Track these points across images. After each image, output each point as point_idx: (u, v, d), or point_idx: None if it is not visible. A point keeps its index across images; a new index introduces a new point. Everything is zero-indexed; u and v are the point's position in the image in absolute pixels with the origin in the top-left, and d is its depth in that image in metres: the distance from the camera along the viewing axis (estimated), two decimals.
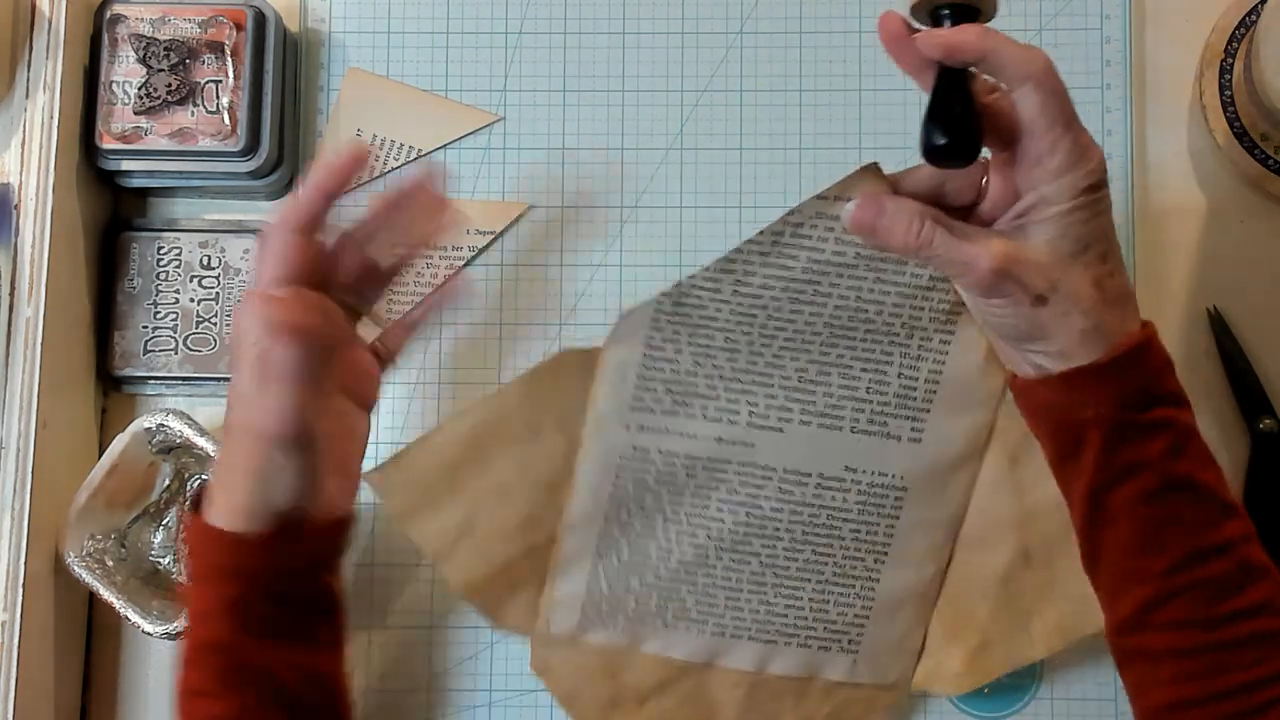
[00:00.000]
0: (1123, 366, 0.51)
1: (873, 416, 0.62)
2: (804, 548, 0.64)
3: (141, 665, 0.72)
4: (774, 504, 0.63)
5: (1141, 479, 0.51)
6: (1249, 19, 0.71)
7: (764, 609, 0.64)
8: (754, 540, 0.64)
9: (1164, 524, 0.51)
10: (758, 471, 0.63)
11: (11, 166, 0.68)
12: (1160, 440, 0.51)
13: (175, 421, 0.68)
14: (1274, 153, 0.70)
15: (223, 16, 0.71)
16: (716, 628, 0.65)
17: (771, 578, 0.64)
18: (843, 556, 0.64)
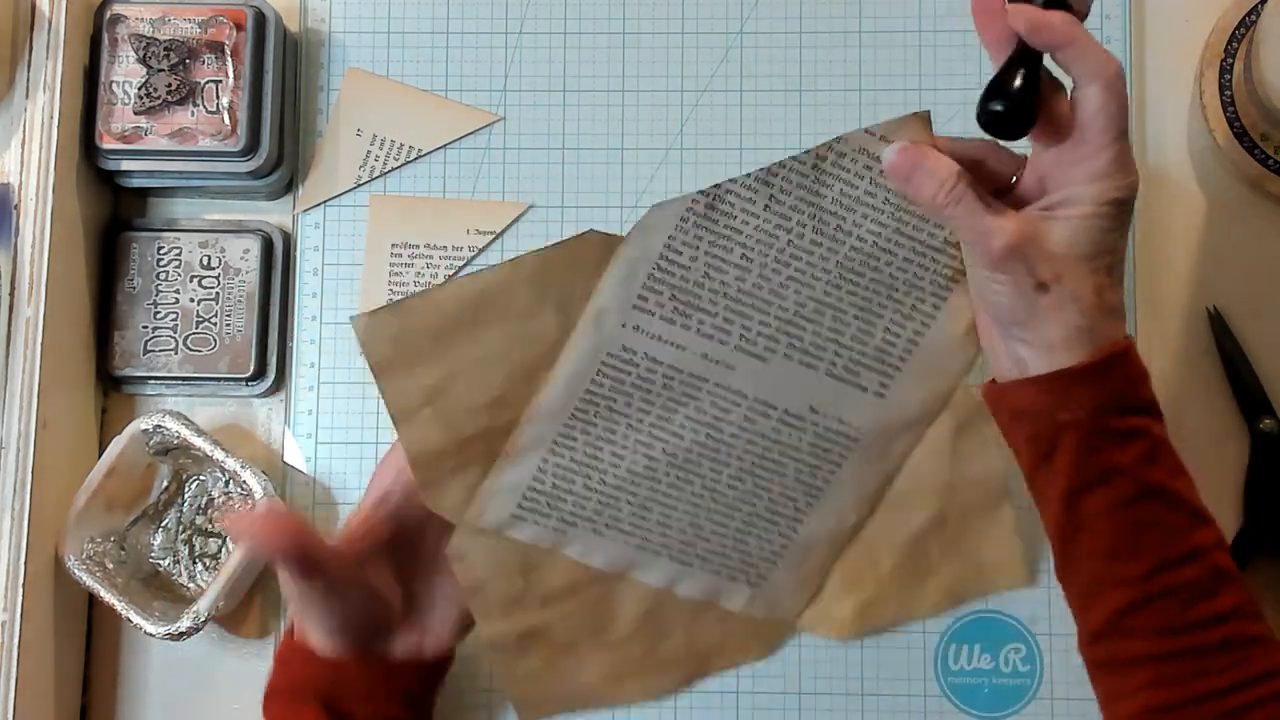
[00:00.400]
0: (1104, 371, 0.52)
1: (849, 364, 0.62)
2: (746, 478, 0.64)
3: (141, 665, 0.72)
4: (734, 430, 0.63)
5: (1116, 485, 0.52)
6: (1249, 19, 0.71)
7: (691, 530, 0.65)
8: (704, 462, 0.64)
9: (1138, 529, 0.52)
10: (729, 395, 0.63)
11: (11, 166, 0.68)
12: (1135, 447, 0.52)
13: (173, 423, 0.68)
14: (1274, 153, 0.70)
15: (223, 16, 0.71)
16: (641, 540, 0.65)
17: (709, 502, 0.64)
18: (780, 493, 0.64)
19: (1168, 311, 0.72)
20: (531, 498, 0.63)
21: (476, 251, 0.73)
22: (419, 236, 0.74)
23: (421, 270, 0.73)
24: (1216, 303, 0.71)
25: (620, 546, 0.65)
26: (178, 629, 0.66)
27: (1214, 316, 0.71)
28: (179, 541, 0.72)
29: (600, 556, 0.65)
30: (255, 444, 0.73)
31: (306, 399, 0.73)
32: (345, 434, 0.73)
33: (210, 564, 0.72)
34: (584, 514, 0.64)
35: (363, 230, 0.74)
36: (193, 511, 0.72)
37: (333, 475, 0.73)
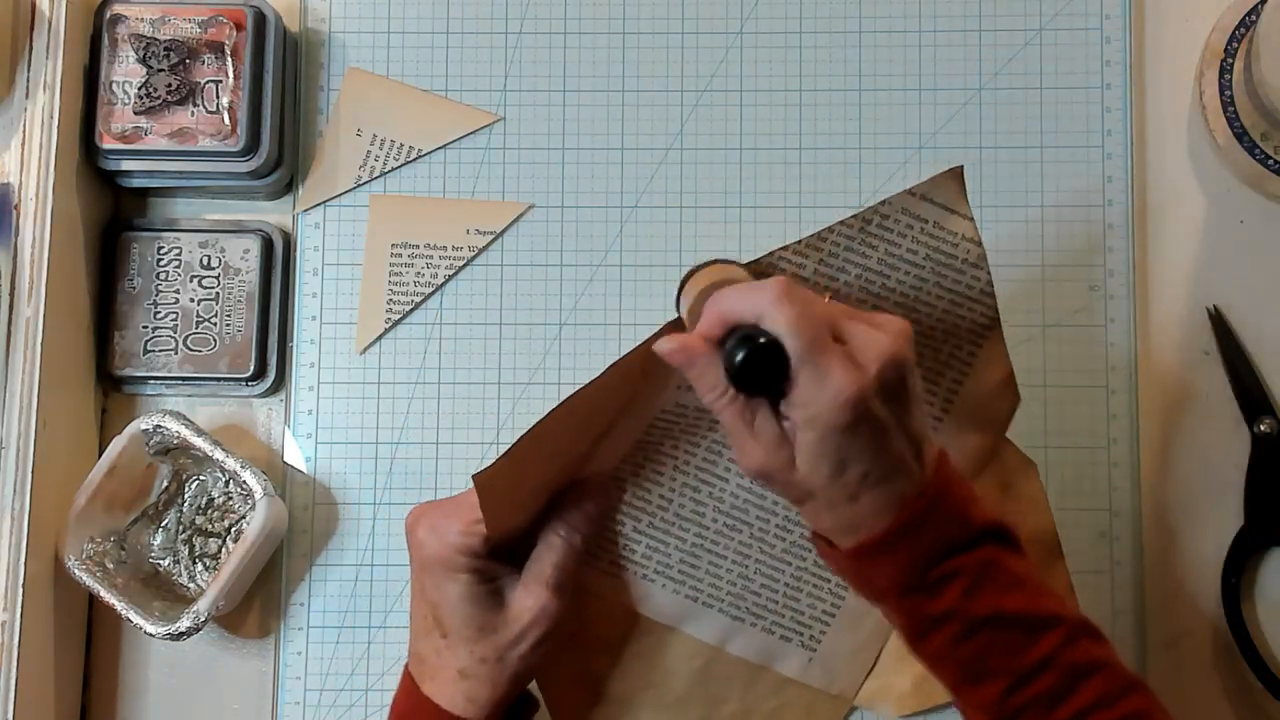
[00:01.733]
0: (891, 546, 0.52)
1: None
2: (794, 529, 0.64)
3: (141, 665, 0.72)
4: None
5: (946, 628, 0.52)
6: (1249, 19, 0.71)
7: (741, 582, 0.64)
8: (751, 509, 0.63)
9: (980, 659, 0.52)
10: None
11: (11, 166, 0.68)
12: (953, 589, 0.52)
13: (172, 423, 0.68)
14: (1274, 153, 0.70)
15: (223, 16, 0.71)
16: (692, 591, 0.64)
17: (757, 552, 0.64)
18: None
19: (1168, 311, 0.72)
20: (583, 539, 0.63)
21: (476, 251, 0.73)
22: (419, 236, 0.74)
23: (421, 270, 0.73)
24: (1216, 303, 0.71)
25: (670, 595, 0.64)
26: (178, 629, 0.66)
27: (1214, 316, 0.71)
28: (179, 541, 0.72)
29: (651, 605, 0.64)
30: (255, 444, 0.73)
31: (306, 399, 0.73)
32: (345, 434, 0.73)
33: (210, 564, 0.72)
34: (633, 558, 0.64)
35: (363, 230, 0.74)
36: (193, 511, 0.72)
37: (333, 475, 0.73)
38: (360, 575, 0.72)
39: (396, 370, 0.73)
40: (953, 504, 0.53)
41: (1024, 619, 0.52)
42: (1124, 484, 0.70)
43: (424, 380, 0.73)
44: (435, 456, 0.72)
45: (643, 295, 0.73)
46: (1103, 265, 0.72)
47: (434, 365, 0.73)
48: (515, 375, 0.73)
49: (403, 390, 0.73)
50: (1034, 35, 0.74)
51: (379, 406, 0.73)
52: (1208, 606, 0.70)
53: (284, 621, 0.72)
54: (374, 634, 0.71)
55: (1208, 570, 0.70)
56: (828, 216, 0.60)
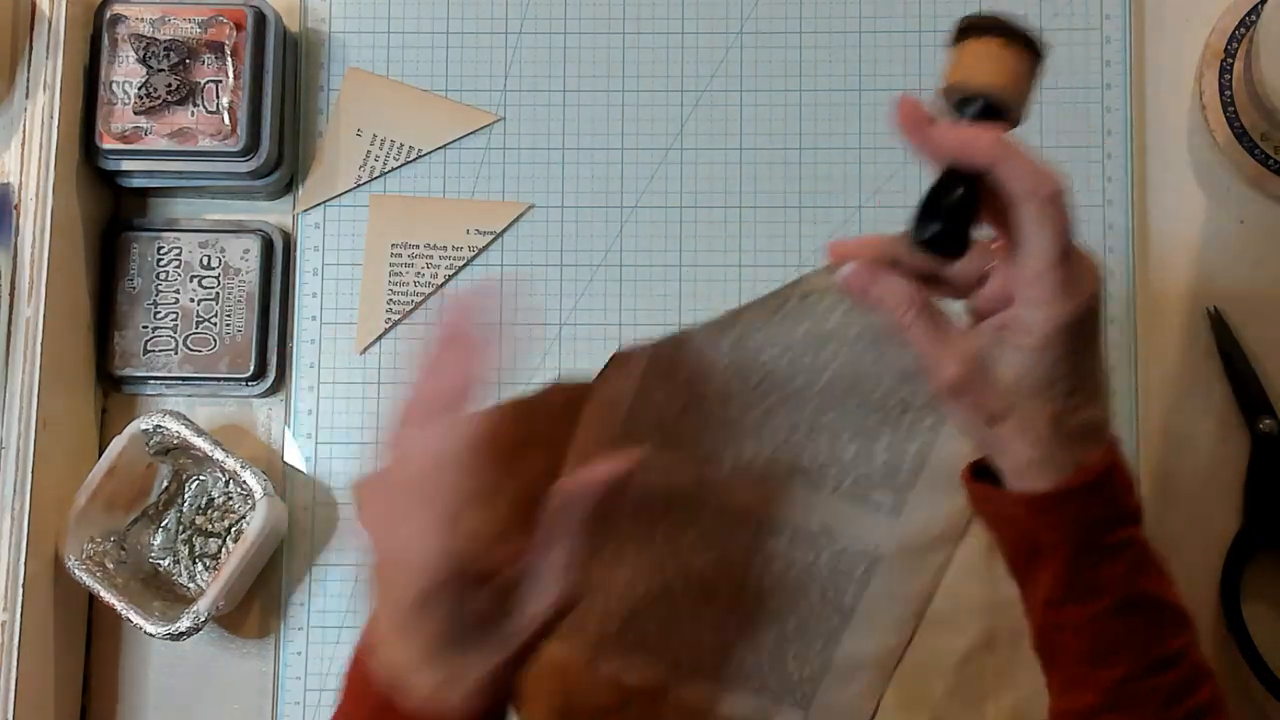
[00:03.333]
0: (1079, 496, 0.50)
1: (856, 483, 0.62)
2: (770, 598, 0.64)
3: (141, 665, 0.72)
4: (745, 550, 0.63)
5: (1102, 598, 0.51)
6: (1249, 19, 0.71)
7: (722, 649, 0.64)
8: (721, 584, 0.63)
9: (1118, 640, 0.51)
10: (734, 517, 0.63)
11: (11, 166, 0.68)
12: (1121, 562, 0.51)
13: (172, 423, 0.68)
14: (1274, 153, 0.70)
15: (223, 16, 0.71)
16: (673, 660, 0.64)
17: (735, 621, 0.64)
18: (808, 613, 0.64)
19: (1168, 311, 0.72)
20: None
21: (476, 251, 0.73)
22: (419, 236, 0.74)
23: (421, 270, 0.73)
24: (1216, 303, 0.71)
25: (652, 665, 0.64)
26: (178, 629, 0.66)
27: (1214, 316, 0.71)
28: (179, 541, 0.72)
29: (635, 675, 0.64)
30: (255, 444, 0.73)
31: (306, 399, 0.73)
32: (345, 434, 0.73)
33: (210, 564, 0.72)
34: (610, 633, 0.64)
35: (363, 230, 0.74)
36: (193, 511, 0.72)
37: (333, 475, 0.73)
38: (360, 575, 0.72)
39: (396, 370, 0.73)
40: (1122, 478, 0.52)
41: (1170, 607, 0.52)
42: None
43: None
44: None
45: (643, 295, 0.73)
46: (1103, 265, 0.72)
47: None
48: (515, 375, 0.73)
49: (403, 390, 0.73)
50: None
51: (379, 406, 0.73)
52: (1208, 606, 0.70)
53: (284, 621, 0.72)
54: None
55: (1208, 570, 0.70)
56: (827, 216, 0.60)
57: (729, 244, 0.73)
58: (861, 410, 0.61)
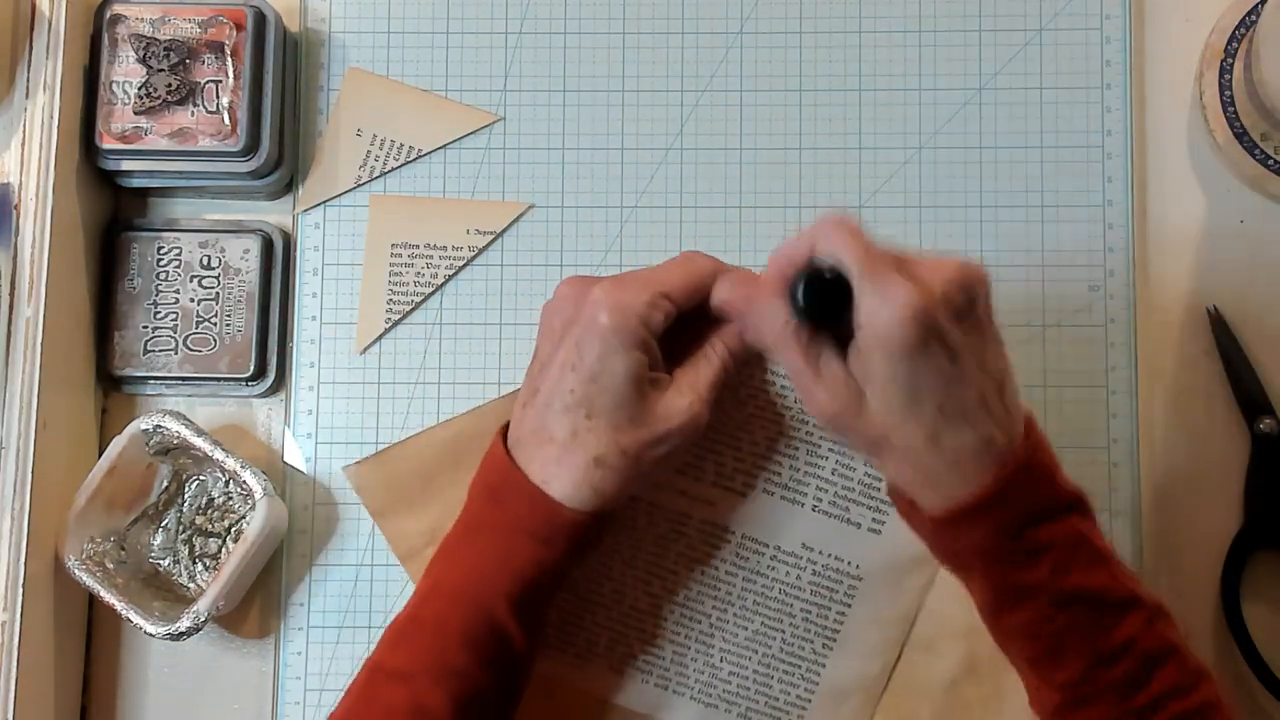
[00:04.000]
0: (974, 514, 0.50)
1: (835, 499, 0.62)
2: (754, 618, 0.64)
3: (141, 665, 0.72)
4: (729, 567, 0.63)
5: (1032, 603, 0.51)
6: (1249, 19, 0.71)
7: (709, 671, 0.64)
8: (706, 600, 0.63)
9: (1060, 639, 0.51)
10: (716, 531, 0.63)
11: (11, 166, 0.68)
12: (1044, 563, 0.50)
13: (172, 422, 0.68)
14: (1274, 153, 0.70)
15: (223, 16, 0.71)
16: (660, 680, 0.64)
17: (720, 641, 0.64)
18: (791, 634, 0.64)
19: (1168, 311, 0.72)
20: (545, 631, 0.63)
21: (476, 251, 0.73)
22: (419, 236, 0.74)
23: (421, 270, 0.73)
24: (1216, 303, 0.71)
25: (640, 684, 0.64)
26: (178, 629, 0.66)
27: (1214, 316, 0.71)
28: (179, 541, 0.72)
29: (623, 696, 0.64)
30: (255, 444, 0.73)
31: (306, 399, 0.73)
32: (345, 434, 0.73)
33: (210, 564, 0.72)
34: (597, 649, 0.64)
35: (363, 230, 0.74)
36: (193, 511, 0.72)
37: (333, 475, 0.73)
38: (360, 575, 0.72)
39: (396, 370, 0.73)
40: (1044, 468, 0.51)
41: (1110, 598, 0.51)
42: (1124, 484, 0.70)
43: (424, 380, 0.73)
44: None
45: None
46: (1103, 265, 0.72)
47: (434, 365, 0.73)
48: (515, 375, 0.73)
49: (403, 390, 0.73)
50: (1034, 35, 0.74)
51: (379, 406, 0.73)
52: (1208, 606, 0.70)
53: (284, 621, 0.72)
54: (374, 634, 0.71)
55: (1208, 570, 0.70)
56: None
57: (729, 244, 0.73)
58: None
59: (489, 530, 0.55)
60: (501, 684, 0.55)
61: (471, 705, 0.53)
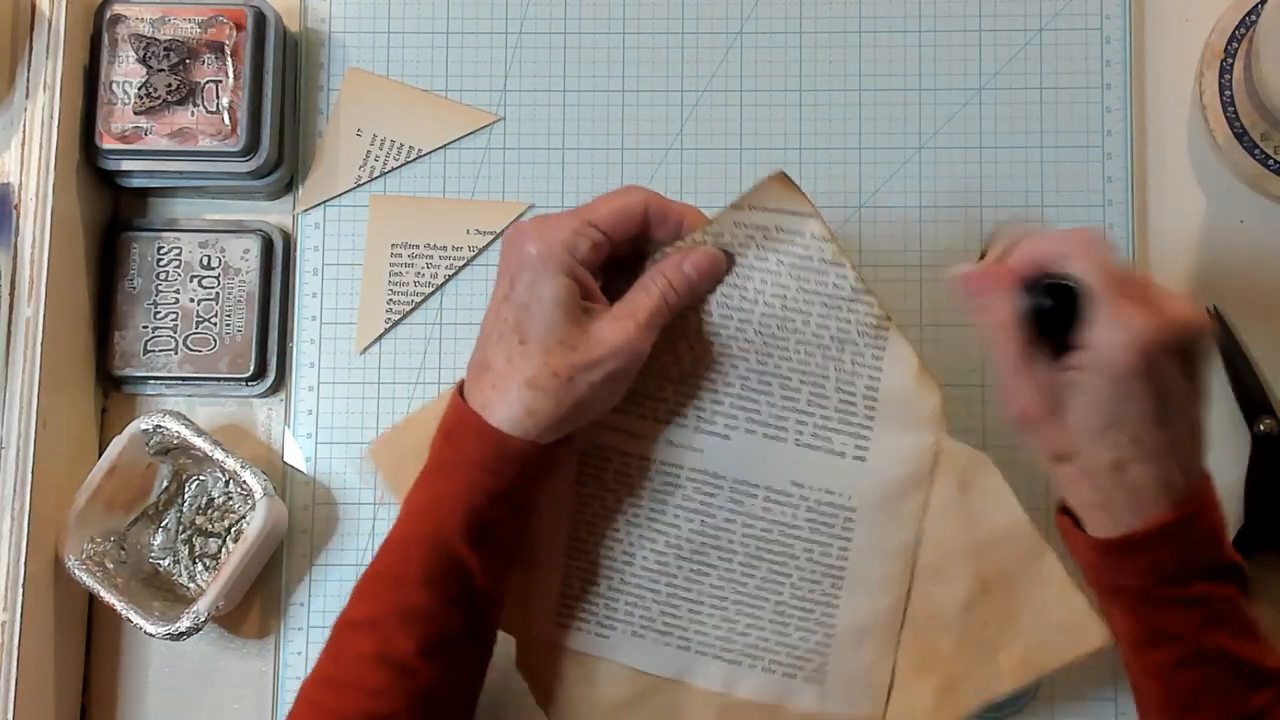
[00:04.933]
0: (1140, 546, 0.51)
1: (816, 430, 0.62)
2: (759, 564, 0.63)
3: (141, 665, 0.72)
4: (726, 514, 0.63)
5: (1172, 647, 0.52)
6: (1249, 19, 0.71)
7: (725, 625, 0.64)
8: (710, 551, 0.63)
9: (1197, 691, 0.52)
10: (708, 479, 0.63)
11: (11, 166, 0.68)
12: (1194, 614, 0.51)
13: (172, 422, 0.68)
14: (1274, 153, 0.70)
15: (223, 16, 0.71)
16: (681, 641, 0.64)
17: (731, 593, 0.64)
18: (799, 578, 0.63)
19: None
20: (567, 604, 0.64)
21: (476, 251, 0.73)
22: (419, 236, 0.74)
23: (421, 270, 0.73)
24: (1216, 303, 0.71)
25: (663, 648, 0.64)
26: (178, 629, 0.66)
27: (1214, 316, 0.71)
28: (179, 541, 0.72)
29: (649, 661, 0.64)
30: (255, 444, 0.73)
31: (306, 399, 0.73)
32: (345, 434, 0.73)
33: (210, 564, 0.72)
34: (617, 616, 0.64)
35: (363, 230, 0.74)
36: (193, 511, 0.72)
37: (333, 475, 0.73)
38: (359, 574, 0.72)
39: (396, 370, 0.73)
40: (1214, 524, 0.52)
41: (1249, 667, 0.52)
42: None
43: (424, 380, 0.73)
44: None
45: None
46: None
47: (434, 365, 0.73)
48: None
49: (403, 390, 0.73)
50: (1034, 35, 0.74)
51: (379, 406, 0.73)
52: None
53: (284, 621, 0.72)
54: None
55: None
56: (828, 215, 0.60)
57: None
58: (802, 348, 0.61)
59: (442, 470, 0.56)
60: (467, 621, 0.56)
61: (438, 645, 0.54)
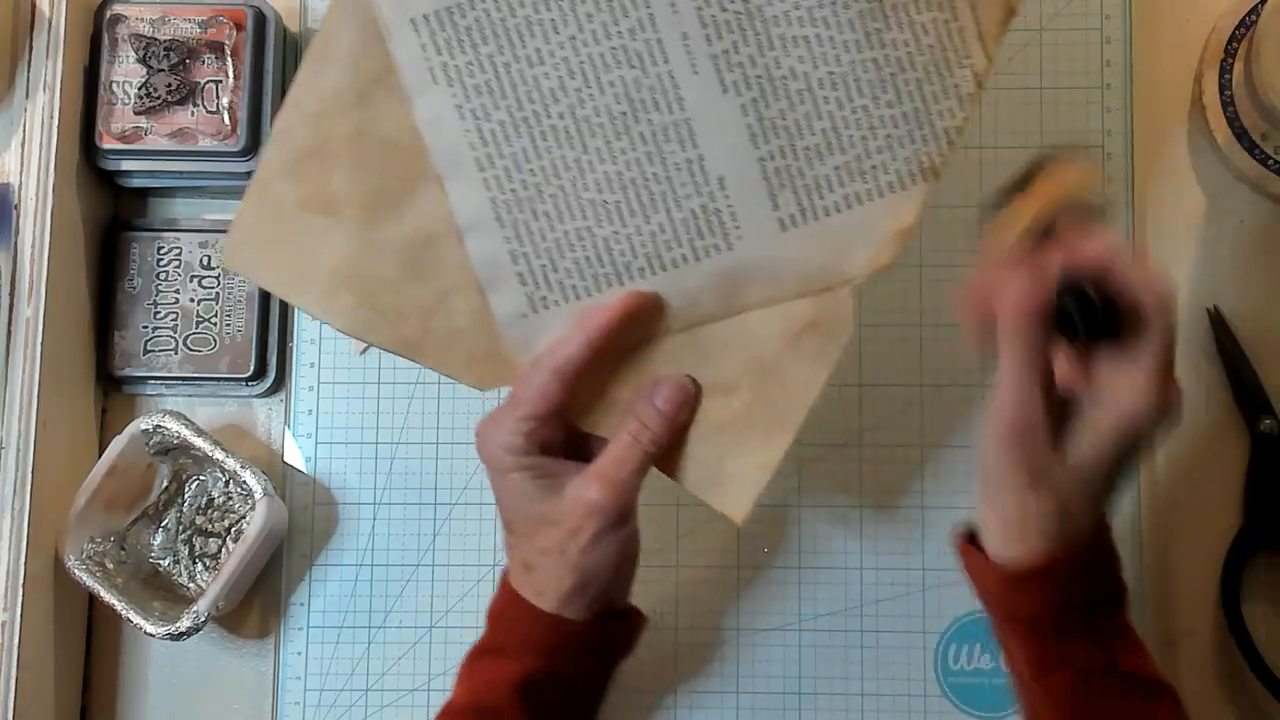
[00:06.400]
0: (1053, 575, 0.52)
1: (781, 170, 0.55)
2: (623, 174, 0.55)
3: (141, 665, 0.72)
4: (633, 103, 0.54)
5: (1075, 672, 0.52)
6: (1249, 19, 0.71)
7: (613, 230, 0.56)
8: (600, 132, 0.54)
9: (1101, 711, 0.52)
10: (658, 66, 0.54)
11: (11, 166, 0.68)
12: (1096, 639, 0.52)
13: (172, 423, 0.68)
14: (1274, 153, 0.70)
15: (223, 16, 0.71)
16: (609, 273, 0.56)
17: (604, 168, 0.55)
18: (642, 229, 0.55)
19: None
20: (530, 276, 0.56)
21: None
22: None
23: None
24: (1216, 303, 0.71)
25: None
26: (178, 629, 0.66)
27: (1214, 316, 0.71)
28: (179, 541, 0.72)
29: None
30: (255, 444, 0.73)
31: (306, 399, 0.73)
32: (345, 434, 0.73)
33: (210, 564, 0.72)
34: (579, 264, 0.56)
35: None
36: (193, 511, 0.72)
37: (333, 475, 0.73)
38: (360, 575, 0.72)
39: (396, 370, 0.73)
40: (1112, 555, 0.53)
41: (1144, 679, 0.52)
42: None
43: (424, 380, 0.73)
44: (435, 456, 0.72)
45: None
46: None
47: None
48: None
49: (403, 390, 0.73)
50: (1034, 35, 0.73)
51: (379, 406, 0.73)
52: (1208, 606, 0.70)
53: (284, 621, 0.72)
54: (374, 634, 0.71)
55: (1208, 570, 0.70)
56: None
57: None
58: (866, 109, 0.54)
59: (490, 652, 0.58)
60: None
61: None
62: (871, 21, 0.53)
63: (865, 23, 0.53)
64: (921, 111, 0.54)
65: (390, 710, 0.71)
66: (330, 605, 0.72)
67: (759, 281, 0.56)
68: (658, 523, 0.71)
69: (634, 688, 0.70)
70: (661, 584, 0.71)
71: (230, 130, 0.71)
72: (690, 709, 0.70)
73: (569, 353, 0.55)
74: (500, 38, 0.54)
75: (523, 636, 0.57)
